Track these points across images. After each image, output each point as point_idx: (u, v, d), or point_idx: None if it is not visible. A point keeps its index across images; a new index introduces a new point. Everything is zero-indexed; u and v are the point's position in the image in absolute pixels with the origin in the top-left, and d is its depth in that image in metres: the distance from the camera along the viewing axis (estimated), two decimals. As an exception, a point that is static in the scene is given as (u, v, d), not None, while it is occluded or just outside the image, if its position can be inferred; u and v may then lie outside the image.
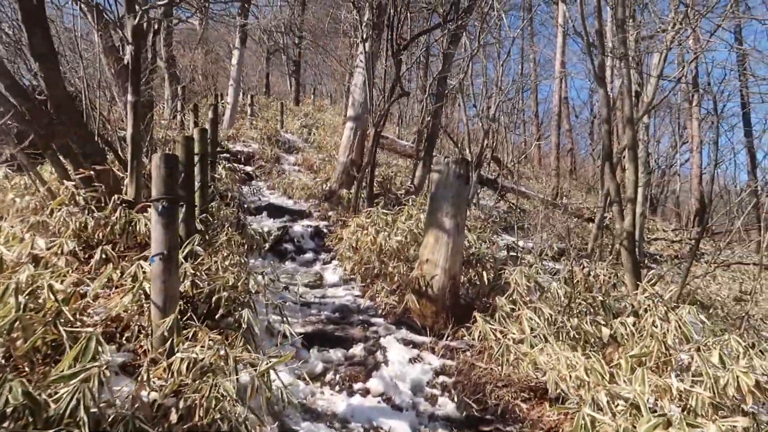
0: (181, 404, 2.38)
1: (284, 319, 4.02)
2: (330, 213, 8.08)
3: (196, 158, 5.45)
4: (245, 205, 8.01)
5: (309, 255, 7.09)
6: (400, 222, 5.76)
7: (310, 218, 8.16)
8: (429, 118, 8.97)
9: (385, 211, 6.13)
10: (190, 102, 15.61)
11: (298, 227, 7.47)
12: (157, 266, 2.85)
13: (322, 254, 7.03)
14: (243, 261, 4.62)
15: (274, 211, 8.25)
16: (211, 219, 5.27)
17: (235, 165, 11.17)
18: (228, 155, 11.90)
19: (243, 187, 8.45)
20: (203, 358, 2.64)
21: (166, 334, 2.75)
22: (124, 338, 3.00)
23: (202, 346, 2.81)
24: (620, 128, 12.34)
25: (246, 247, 5.10)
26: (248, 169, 11.59)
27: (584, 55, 21.01)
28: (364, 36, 8.12)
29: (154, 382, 2.52)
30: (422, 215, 5.53)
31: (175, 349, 2.78)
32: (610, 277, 7.03)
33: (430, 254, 4.53)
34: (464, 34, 9.60)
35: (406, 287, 4.77)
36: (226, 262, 4.39)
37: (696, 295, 10.02)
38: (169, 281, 2.87)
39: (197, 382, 2.51)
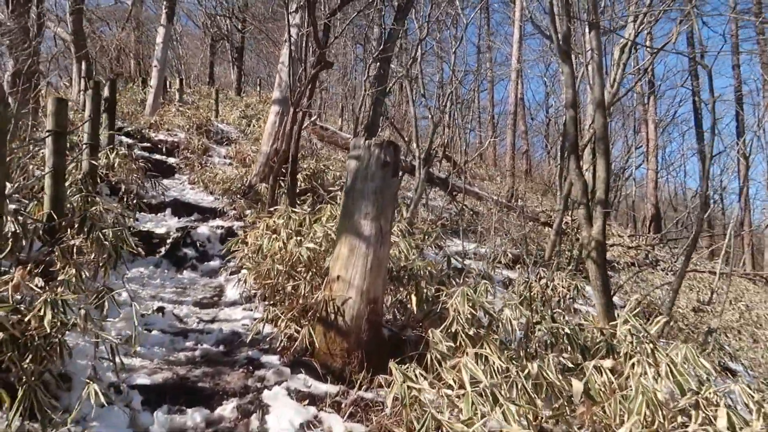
0: None
1: (116, 364, 2.77)
2: (248, 211, 6.81)
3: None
4: (144, 201, 6.65)
5: (215, 262, 5.82)
6: (319, 225, 4.55)
7: (224, 217, 6.86)
8: (369, 105, 7.81)
9: (299, 210, 4.93)
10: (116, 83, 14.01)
11: (204, 228, 6.17)
12: None
13: (231, 261, 5.77)
14: (84, 276, 3.33)
15: (181, 208, 6.91)
16: (58, 217, 3.95)
17: (152, 156, 9.77)
18: (149, 144, 10.51)
19: (146, 180, 7.06)
20: None
21: None
22: None
23: None
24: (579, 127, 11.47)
25: (98, 254, 3.78)
26: (171, 160, 10.18)
27: (541, 54, 20.34)
28: (293, 7, 6.92)
29: None
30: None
31: None
32: (569, 288, 6.05)
33: (342, 269, 3.35)
34: (412, 12, 8.50)
35: (315, 312, 3.58)
36: (62, 277, 3.13)
37: (655, 307, 9.22)
38: None
39: None
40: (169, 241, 5.85)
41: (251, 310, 4.45)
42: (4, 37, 6.63)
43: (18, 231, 3.22)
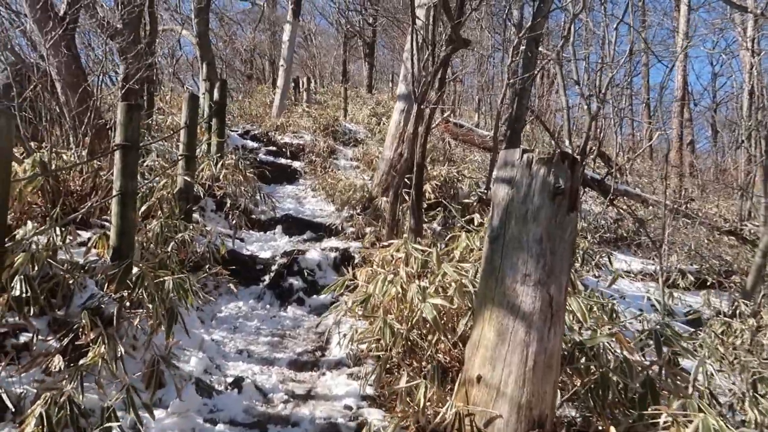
0: None
1: None
2: (367, 229, 5.74)
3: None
4: (252, 217, 5.86)
5: (326, 296, 4.82)
6: (450, 265, 3.29)
7: (340, 236, 5.85)
8: (512, 95, 6.38)
9: (421, 246, 3.70)
10: (240, 89, 13.85)
11: (314, 252, 5.19)
12: None
13: (346, 295, 4.73)
14: (120, 354, 2.40)
15: (293, 224, 6.01)
16: (123, 255, 3.12)
17: (277, 159, 9.23)
18: (274, 147, 10.02)
19: (256, 192, 6.26)
20: None
21: None
22: None
23: None
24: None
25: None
26: (295, 164, 9.54)
27: (720, 27, 17.20)
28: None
29: None
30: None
31: None
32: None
33: (485, 366, 2.07)
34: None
35: (441, 420, 2.35)
36: (91, 356, 2.25)
37: None
38: None
39: None
40: (273, 268, 4.96)
41: (359, 378, 3.32)
42: (114, 40, 6.18)
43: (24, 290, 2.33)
